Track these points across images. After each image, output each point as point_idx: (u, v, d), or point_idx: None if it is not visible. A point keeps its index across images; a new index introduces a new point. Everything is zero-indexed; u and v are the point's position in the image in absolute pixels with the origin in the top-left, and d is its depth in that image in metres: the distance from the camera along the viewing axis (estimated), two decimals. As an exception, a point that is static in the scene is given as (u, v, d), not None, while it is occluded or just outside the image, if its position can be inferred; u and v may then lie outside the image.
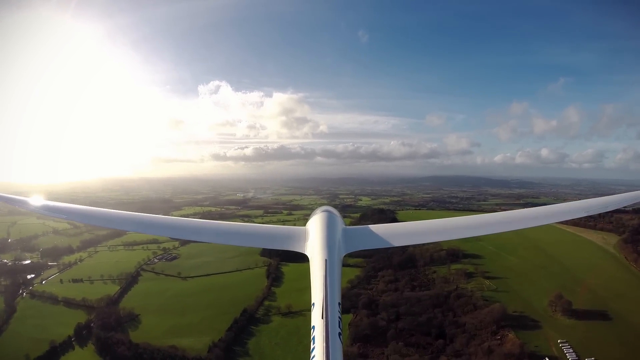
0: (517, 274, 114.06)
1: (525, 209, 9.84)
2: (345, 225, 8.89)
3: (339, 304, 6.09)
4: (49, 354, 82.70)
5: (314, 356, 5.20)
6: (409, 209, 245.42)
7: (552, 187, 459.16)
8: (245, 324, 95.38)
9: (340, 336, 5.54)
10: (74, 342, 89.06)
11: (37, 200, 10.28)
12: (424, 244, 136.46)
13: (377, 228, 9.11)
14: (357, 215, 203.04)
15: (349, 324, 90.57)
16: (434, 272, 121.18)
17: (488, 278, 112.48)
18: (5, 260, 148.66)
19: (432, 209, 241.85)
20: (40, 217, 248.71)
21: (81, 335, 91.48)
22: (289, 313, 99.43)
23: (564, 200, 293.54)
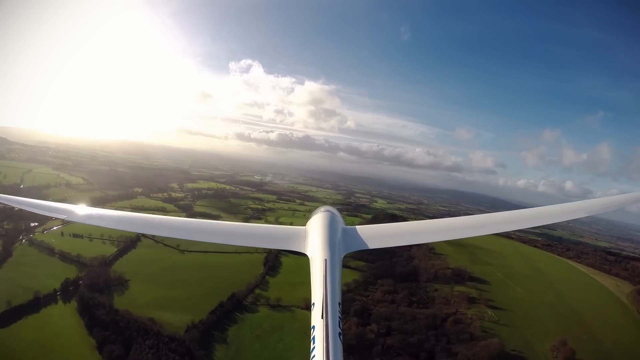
0: (522, 308, 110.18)
1: (526, 209, 9.91)
2: (346, 225, 9.09)
3: (339, 304, 6.18)
4: (31, 304, 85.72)
5: (314, 356, 5.26)
6: (422, 218, 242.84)
7: (569, 222, 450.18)
8: (231, 309, 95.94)
9: (341, 336, 5.60)
10: (58, 296, 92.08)
11: (37, 201, 10.64)
12: (429, 260, 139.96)
13: (377, 228, 9.45)
14: (369, 216, 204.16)
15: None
16: (436, 290, 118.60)
17: (491, 307, 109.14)
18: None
19: None
20: (56, 167, 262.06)
21: (67, 290, 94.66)
22: (277, 306, 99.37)
23: (580, 236, 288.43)
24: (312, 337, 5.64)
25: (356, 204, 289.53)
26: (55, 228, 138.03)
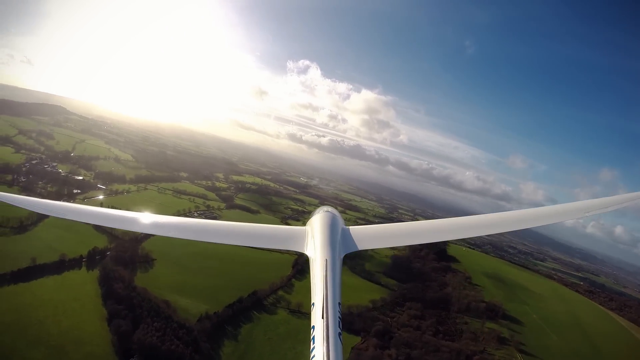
0: (554, 358, 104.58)
1: (526, 209, 10.03)
2: (345, 225, 9.21)
3: (339, 304, 6.24)
4: (55, 265, 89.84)
5: (314, 356, 5.30)
6: (462, 245, 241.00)
7: (614, 269, 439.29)
8: (249, 307, 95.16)
9: (341, 336, 5.63)
10: (83, 263, 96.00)
11: (39, 201, 10.59)
12: (464, 289, 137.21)
13: (377, 228, 9.67)
14: None
15: (352, 347, 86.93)
16: (466, 323, 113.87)
17: (522, 352, 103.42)
18: (61, 170, 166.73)
19: (486, 252, 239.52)
20: (109, 142, 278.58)
21: (93, 259, 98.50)
22: (297, 311, 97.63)
23: (624, 287, 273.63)
24: (312, 337, 5.69)
25: (397, 219, 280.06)
26: (95, 198, 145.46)
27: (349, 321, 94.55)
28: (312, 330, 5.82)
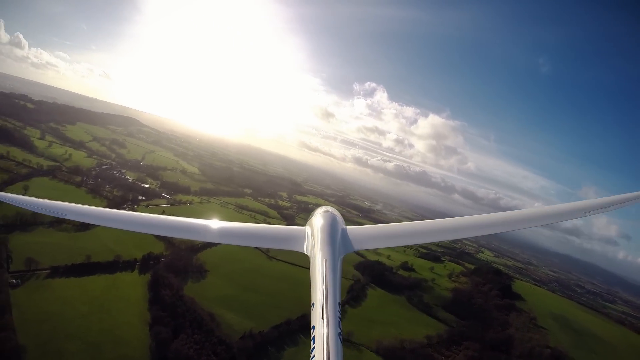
0: None
1: (526, 209, 10.36)
2: (345, 225, 9.22)
3: (339, 304, 6.31)
4: (109, 264, 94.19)
5: (313, 356, 5.34)
6: (529, 281, 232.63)
7: None
8: (296, 330, 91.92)
9: (340, 336, 5.63)
10: (136, 266, 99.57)
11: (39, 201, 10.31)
12: (528, 331, 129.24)
13: (377, 228, 9.76)
14: (472, 266, 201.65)
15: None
16: None
17: None
18: (128, 177, 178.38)
19: (553, 291, 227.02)
20: (177, 154, 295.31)
21: (147, 263, 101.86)
22: (346, 340, 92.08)
23: None
24: (312, 337, 5.73)
25: (461, 250, 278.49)
26: (158, 206, 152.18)
27: (400, 356, 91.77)
28: (312, 330, 5.84)
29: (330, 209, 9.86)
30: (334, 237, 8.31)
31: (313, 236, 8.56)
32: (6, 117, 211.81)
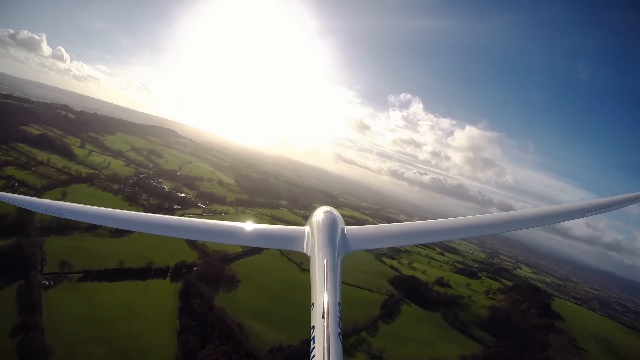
0: None
1: (527, 209, 10.48)
2: (345, 225, 9.33)
3: (339, 304, 6.36)
4: (141, 271, 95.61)
5: (314, 356, 5.44)
6: (568, 299, 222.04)
7: None
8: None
9: (340, 336, 5.71)
10: (168, 274, 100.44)
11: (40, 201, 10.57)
12: (567, 353, 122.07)
13: (377, 228, 9.88)
14: (509, 283, 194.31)
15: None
16: None
17: None
18: (165, 186, 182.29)
19: (594, 310, 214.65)
20: (214, 165, 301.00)
21: (179, 271, 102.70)
22: (377, 358, 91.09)
23: None
24: (312, 337, 5.83)
25: (498, 266, 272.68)
26: (194, 215, 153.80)
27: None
28: (312, 330, 5.94)
29: (330, 208, 9.96)
30: (334, 237, 8.37)
31: (313, 236, 8.66)
32: (48, 126, 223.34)
